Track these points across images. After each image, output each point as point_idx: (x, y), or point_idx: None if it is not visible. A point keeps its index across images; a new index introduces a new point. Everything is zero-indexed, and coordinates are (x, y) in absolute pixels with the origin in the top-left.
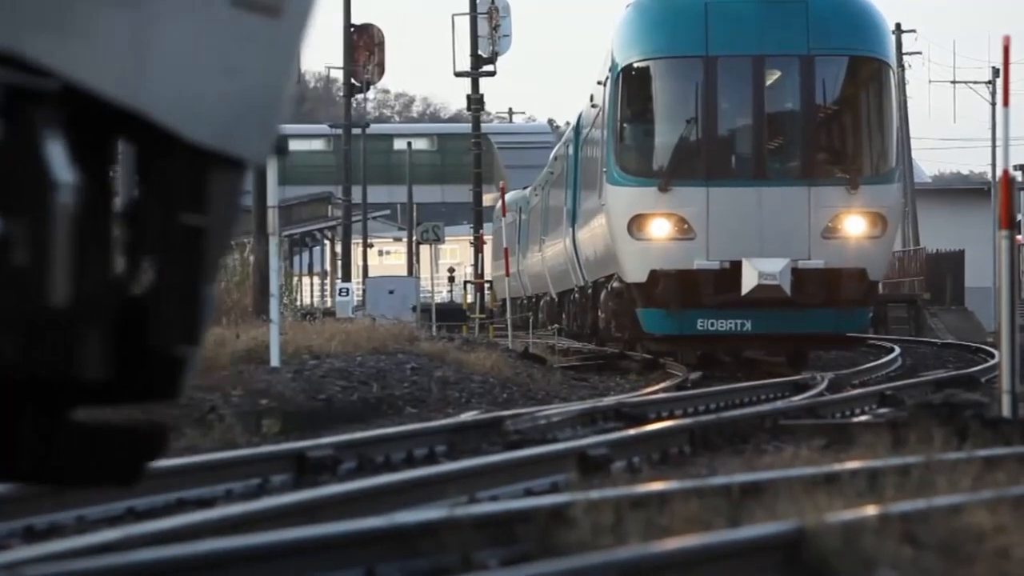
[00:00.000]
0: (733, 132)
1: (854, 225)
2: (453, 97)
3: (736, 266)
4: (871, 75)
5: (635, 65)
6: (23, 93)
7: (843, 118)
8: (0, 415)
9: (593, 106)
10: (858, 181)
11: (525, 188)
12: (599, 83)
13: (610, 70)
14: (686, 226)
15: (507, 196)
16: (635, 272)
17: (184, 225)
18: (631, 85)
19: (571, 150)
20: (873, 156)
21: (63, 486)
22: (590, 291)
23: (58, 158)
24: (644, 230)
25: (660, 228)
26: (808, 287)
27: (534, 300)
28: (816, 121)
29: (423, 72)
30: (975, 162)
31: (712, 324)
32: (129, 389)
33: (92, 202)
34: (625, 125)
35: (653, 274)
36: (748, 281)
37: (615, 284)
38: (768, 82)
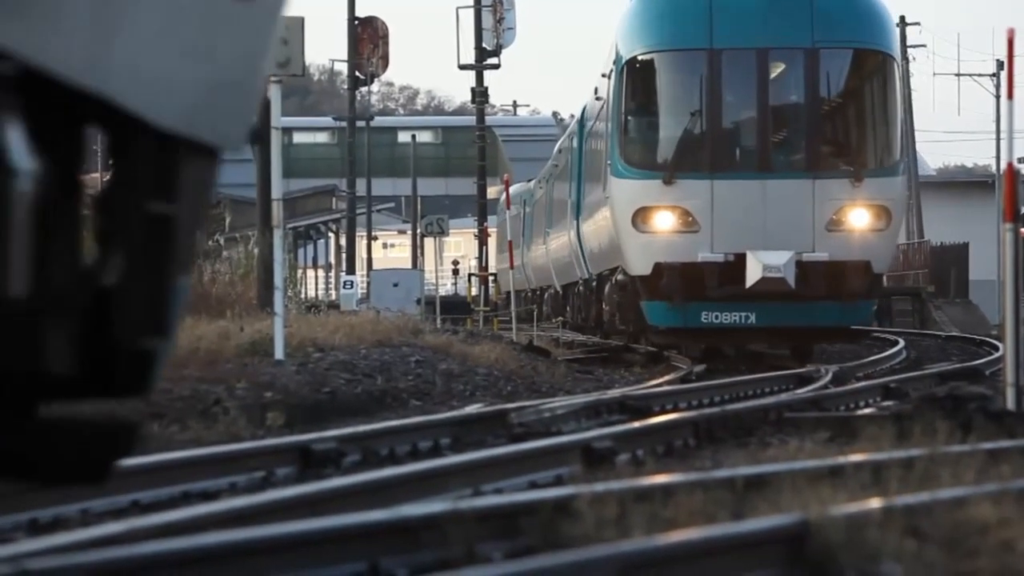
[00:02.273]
0: (737, 125)
1: (858, 218)
2: (457, 90)
3: (740, 259)
4: (875, 68)
5: (639, 57)
6: None
7: (847, 111)
8: None
9: (597, 99)
10: (862, 174)
11: (529, 181)
12: (603, 76)
13: (614, 63)
14: (690, 219)
15: (511, 189)
16: (639, 264)
17: (152, 213)
18: (635, 77)
19: (575, 143)
20: (877, 149)
21: (27, 483)
22: (594, 284)
23: (17, 144)
24: (648, 223)
25: (664, 221)
26: (812, 280)
27: (538, 293)
28: (820, 114)
29: (427, 65)
30: (979, 155)
31: (716, 317)
32: (95, 383)
33: (57, 190)
34: (629, 118)
35: (657, 267)
36: (752, 274)
37: (619, 277)
38: (772, 75)
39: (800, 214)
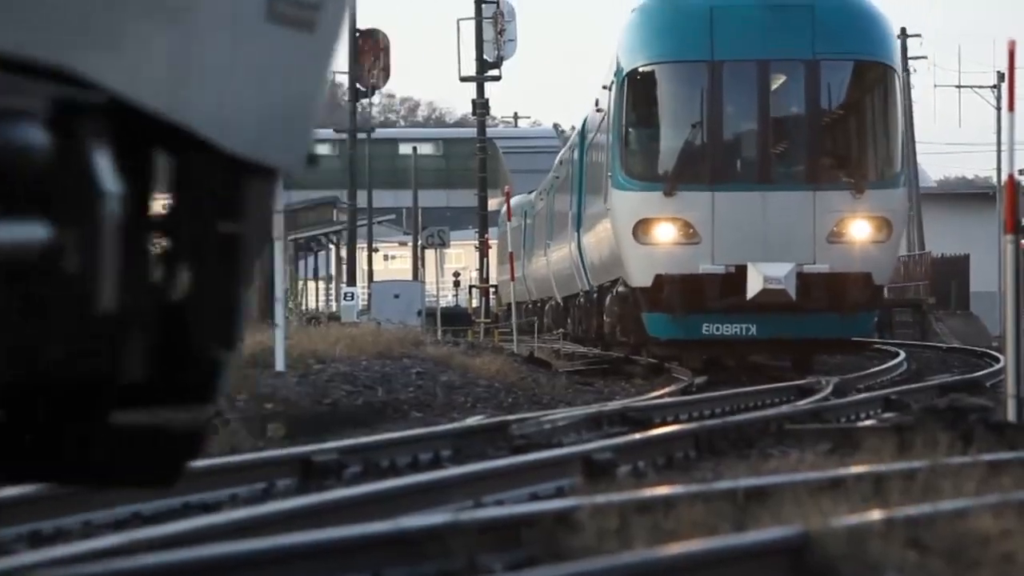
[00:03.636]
0: (738, 136)
1: (859, 229)
2: (458, 102)
3: (741, 270)
4: (876, 79)
5: (640, 69)
6: (71, 106)
7: (848, 122)
8: (43, 417)
9: (598, 111)
10: (863, 185)
11: (530, 193)
12: (604, 87)
13: (615, 74)
14: (691, 230)
15: (513, 200)
16: (640, 276)
17: (221, 233)
18: (636, 89)
19: (576, 155)
20: (878, 160)
21: (104, 486)
22: (595, 296)
23: (105, 168)
24: (649, 234)
25: (665, 232)
26: (813, 291)
27: (539, 304)
28: (821, 125)
29: (428, 77)
30: (980, 166)
31: (717, 328)
32: (168, 392)
33: (133, 211)
34: (630, 129)
35: (658, 278)
36: (753, 285)
37: (620, 288)
38: (773, 87)
39: (801, 226)
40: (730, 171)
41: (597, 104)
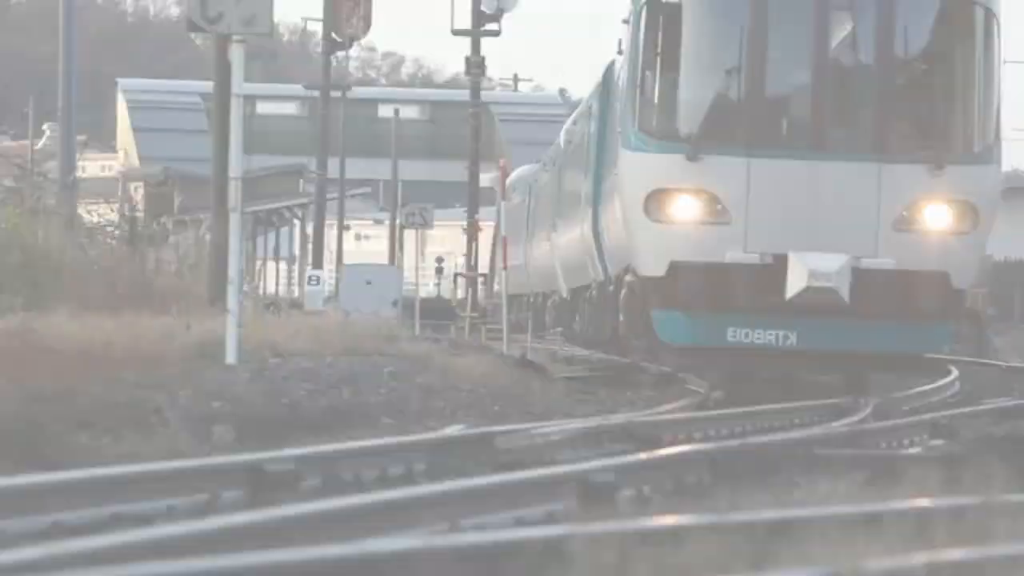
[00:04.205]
0: (786, 89)
1: (936, 216)
2: (450, 59)
3: (781, 261)
4: (968, 23)
5: None
6: None
7: (930, 77)
8: None
9: (620, 53)
10: (945, 160)
11: (535, 163)
12: (624, 22)
13: (632, 2)
14: (719, 207)
15: (512, 174)
16: (651, 263)
17: None
18: (657, 24)
19: (596, 112)
20: (966, 128)
21: None
22: (611, 288)
23: None
24: (665, 210)
25: (685, 208)
26: (873, 293)
27: (540, 298)
28: (895, 79)
29: (415, 29)
30: None
31: (746, 335)
32: None
33: None
34: (647, 74)
35: (673, 267)
36: (795, 282)
37: (628, 278)
38: (834, 26)
39: (861, 208)
40: (773, 133)
41: (620, 46)
